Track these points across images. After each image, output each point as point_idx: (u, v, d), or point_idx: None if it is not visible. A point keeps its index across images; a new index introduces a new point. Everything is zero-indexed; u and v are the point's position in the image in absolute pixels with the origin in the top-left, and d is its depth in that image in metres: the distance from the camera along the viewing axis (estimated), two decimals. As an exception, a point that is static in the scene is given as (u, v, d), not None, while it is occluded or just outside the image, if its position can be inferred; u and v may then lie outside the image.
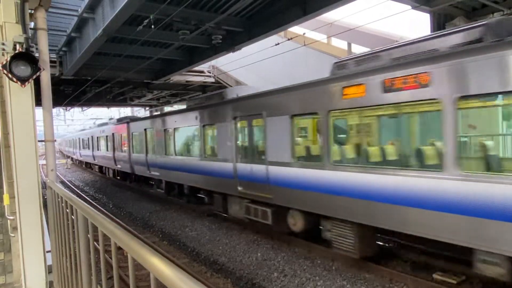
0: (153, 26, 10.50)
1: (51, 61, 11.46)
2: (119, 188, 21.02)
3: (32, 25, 5.09)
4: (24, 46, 4.43)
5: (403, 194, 5.86)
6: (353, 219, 6.82)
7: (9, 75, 4.29)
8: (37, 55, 4.76)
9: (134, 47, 13.56)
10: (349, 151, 7.43)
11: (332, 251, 7.89)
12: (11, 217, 4.65)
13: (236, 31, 13.02)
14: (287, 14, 11.31)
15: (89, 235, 2.43)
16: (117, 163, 21.39)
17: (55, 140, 5.79)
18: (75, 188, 22.05)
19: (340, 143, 7.57)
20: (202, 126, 11.72)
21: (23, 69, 4.38)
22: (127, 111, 41.45)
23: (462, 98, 5.16)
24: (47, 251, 4.64)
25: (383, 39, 15.85)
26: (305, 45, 13.93)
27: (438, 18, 11.20)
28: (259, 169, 9.00)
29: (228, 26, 12.34)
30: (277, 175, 8.43)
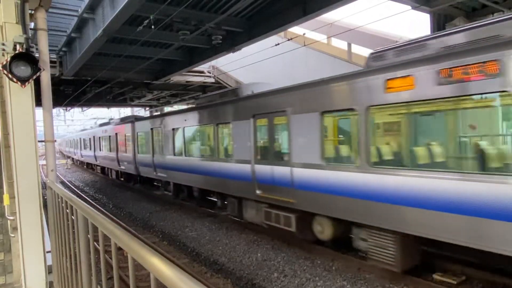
0: (153, 26, 10.50)
1: (51, 62, 11.48)
2: (119, 188, 21.01)
3: (32, 25, 5.09)
4: (24, 46, 4.44)
5: (475, 202, 4.97)
6: (396, 229, 6.05)
7: (9, 75, 4.29)
8: (37, 55, 4.76)
9: (134, 47, 13.57)
10: (394, 151, 6.61)
11: (332, 251, 7.90)
12: (11, 217, 4.66)
13: (236, 31, 13.04)
14: (287, 14, 11.32)
15: (89, 235, 2.43)
16: (120, 164, 20.74)
17: (55, 140, 5.79)
18: (75, 188, 22.05)
19: (381, 142, 6.80)
20: (215, 125, 11.05)
21: (23, 70, 4.38)
22: (127, 111, 41.53)
23: None
24: (47, 251, 4.64)
25: (383, 39, 15.88)
26: (305, 45, 13.94)
27: (438, 18, 11.21)
28: (281, 171, 8.32)
29: (228, 26, 12.35)
30: (303, 178, 7.76)
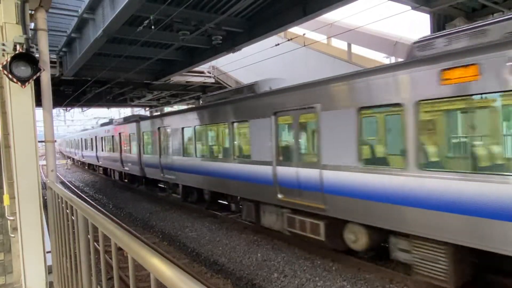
0: (153, 26, 10.50)
1: (51, 62, 11.48)
2: (119, 188, 21.01)
3: (32, 25, 5.09)
4: (24, 46, 4.44)
5: None
6: (453, 241, 5.36)
7: (10, 76, 4.29)
8: (37, 55, 4.76)
9: (134, 47, 13.56)
10: (451, 151, 5.93)
11: (332, 252, 7.89)
12: (11, 218, 4.66)
13: (236, 31, 13.04)
14: (287, 14, 11.32)
15: (89, 236, 2.43)
16: (124, 165, 20.04)
17: (55, 140, 5.79)
18: (75, 188, 22.06)
19: (434, 141, 6.14)
20: (230, 123, 10.35)
21: (23, 70, 4.38)
22: (127, 112, 41.54)
23: None
24: (47, 252, 4.64)
25: (383, 39, 15.90)
26: (305, 45, 13.93)
27: (438, 19, 11.21)
28: (308, 174, 7.64)
29: (228, 26, 12.35)
30: (335, 182, 7.10)
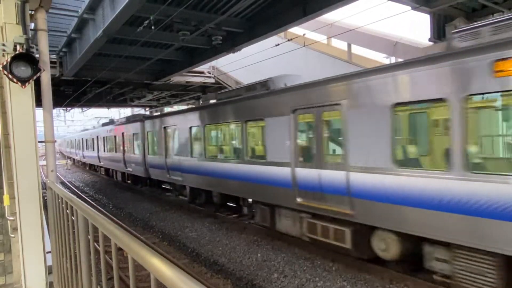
0: (153, 27, 10.51)
1: (51, 62, 11.48)
2: (119, 189, 21.01)
3: (32, 26, 5.10)
4: (24, 46, 4.44)
5: None
6: (503, 251, 4.93)
7: (10, 76, 4.30)
8: (37, 55, 4.76)
9: (134, 48, 13.57)
10: (505, 151, 5.51)
11: (332, 252, 7.88)
12: (11, 218, 4.66)
13: (236, 32, 13.04)
14: (287, 14, 11.32)
15: (89, 236, 2.43)
16: (127, 166, 19.50)
17: (55, 140, 5.79)
18: (75, 189, 22.06)
19: (486, 141, 5.67)
20: (243, 122, 9.87)
21: (23, 70, 4.39)
22: (127, 112, 41.55)
23: None
24: (47, 252, 4.64)
25: (383, 39, 15.90)
26: (305, 45, 13.94)
27: (438, 19, 11.21)
28: (333, 176, 7.16)
29: (228, 27, 12.35)
30: (364, 185, 6.58)
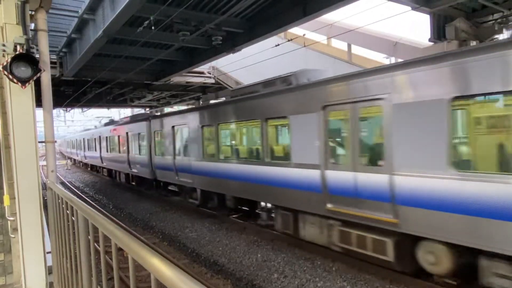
0: (153, 27, 10.50)
1: (52, 62, 11.48)
2: (119, 189, 21.01)
3: (32, 26, 5.10)
4: (24, 47, 4.45)
5: None
6: None
7: (10, 76, 4.30)
8: (37, 56, 4.77)
9: (134, 48, 13.57)
10: None
11: (332, 252, 7.87)
12: (11, 218, 4.66)
13: (236, 32, 13.04)
14: (287, 15, 11.32)
15: (89, 236, 2.43)
16: (132, 167, 18.68)
17: (56, 141, 5.79)
18: (75, 189, 22.06)
19: None
20: (263, 120, 9.25)
21: (23, 70, 4.39)
22: (127, 112, 41.54)
23: None
24: (47, 252, 4.65)
25: (383, 40, 15.90)
26: (305, 46, 13.94)
27: (438, 19, 11.20)
28: (373, 180, 6.54)
29: (228, 27, 12.35)
30: (413, 190, 5.91)
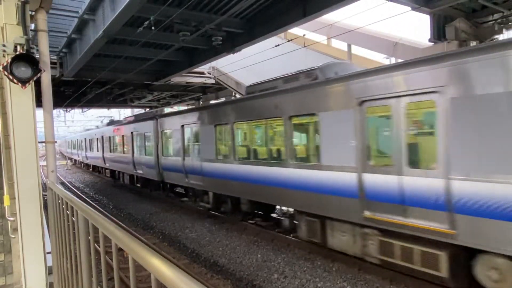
0: (153, 27, 10.51)
1: (52, 63, 11.40)
2: (119, 189, 21.01)
3: (32, 26, 5.11)
4: (24, 47, 4.44)
5: None
6: None
7: (10, 77, 4.30)
8: (37, 56, 4.77)
9: (134, 48, 13.59)
10: None
11: (332, 252, 7.87)
12: (12, 218, 4.66)
13: (236, 32, 13.05)
14: (287, 15, 11.33)
15: (89, 236, 2.43)
16: (137, 168, 18.02)
17: (56, 141, 5.79)
18: (75, 189, 22.05)
19: None
20: (287, 118, 8.54)
21: (23, 71, 4.39)
22: (127, 112, 41.55)
23: None
24: (48, 252, 4.64)
25: (383, 40, 15.90)
26: (305, 46, 13.94)
27: (438, 19, 11.21)
28: (424, 184, 5.80)
29: (228, 27, 12.36)
30: (477, 198, 5.17)
